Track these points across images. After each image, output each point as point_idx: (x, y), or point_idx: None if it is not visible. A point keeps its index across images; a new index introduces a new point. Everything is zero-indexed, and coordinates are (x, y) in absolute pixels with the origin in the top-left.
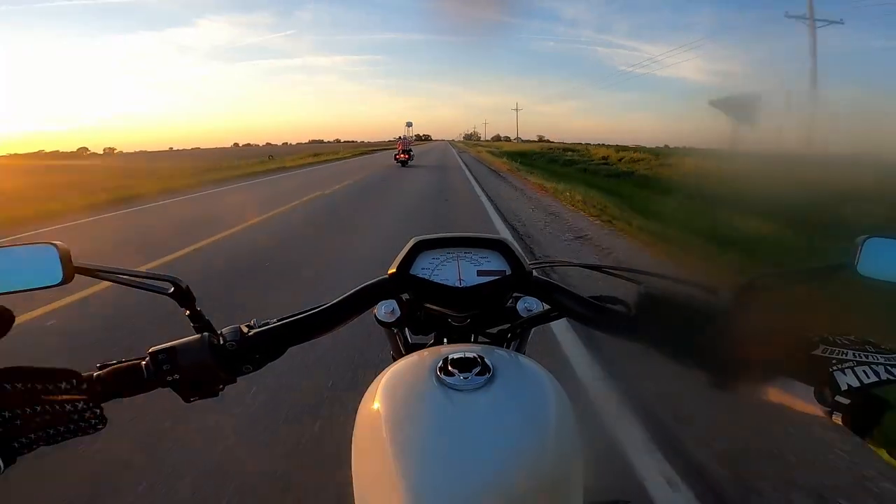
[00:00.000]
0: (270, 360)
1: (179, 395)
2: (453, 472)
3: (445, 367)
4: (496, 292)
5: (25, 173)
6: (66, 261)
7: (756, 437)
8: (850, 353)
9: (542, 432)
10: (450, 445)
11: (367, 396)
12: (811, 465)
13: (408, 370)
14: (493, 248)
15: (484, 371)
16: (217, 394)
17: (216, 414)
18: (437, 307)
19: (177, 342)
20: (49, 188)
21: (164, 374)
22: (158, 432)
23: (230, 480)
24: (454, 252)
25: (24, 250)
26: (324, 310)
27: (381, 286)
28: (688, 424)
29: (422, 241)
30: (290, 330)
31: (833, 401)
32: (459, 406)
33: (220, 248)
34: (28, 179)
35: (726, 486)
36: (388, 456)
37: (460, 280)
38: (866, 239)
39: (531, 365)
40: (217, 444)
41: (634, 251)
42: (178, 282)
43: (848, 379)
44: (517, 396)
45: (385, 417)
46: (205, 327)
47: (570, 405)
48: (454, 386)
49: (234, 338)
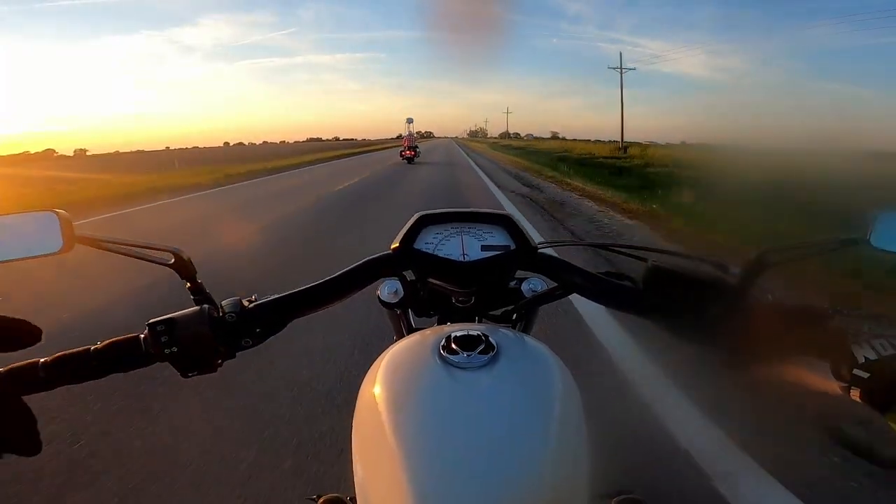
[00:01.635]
0: (271, 333)
1: (177, 370)
2: (456, 450)
3: (449, 345)
4: (500, 267)
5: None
6: (67, 229)
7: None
8: (866, 325)
9: (546, 412)
10: (452, 424)
11: (368, 377)
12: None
13: (410, 349)
14: (497, 223)
15: (488, 349)
16: (216, 369)
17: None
18: (440, 283)
19: (176, 314)
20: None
21: (162, 346)
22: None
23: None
24: (458, 227)
25: (24, 217)
26: (326, 283)
27: (384, 260)
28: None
29: (425, 216)
30: (290, 303)
31: (851, 375)
32: (462, 384)
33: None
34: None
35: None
36: (390, 434)
37: (464, 255)
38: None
39: (536, 345)
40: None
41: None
42: (179, 252)
43: (865, 352)
44: (522, 375)
45: (387, 396)
46: (205, 300)
47: (575, 387)
48: (457, 364)
49: (233, 310)
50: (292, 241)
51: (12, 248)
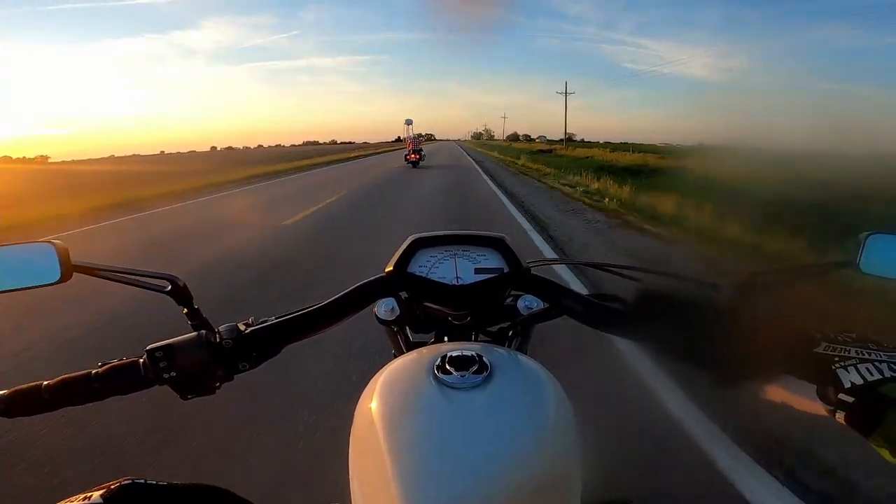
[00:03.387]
0: (267, 358)
1: (177, 393)
2: (448, 470)
3: (443, 365)
4: (494, 290)
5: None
6: (65, 259)
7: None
8: (853, 350)
9: (539, 431)
10: (445, 443)
11: (366, 394)
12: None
13: (406, 368)
14: (490, 246)
15: (481, 369)
16: (214, 391)
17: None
18: (435, 305)
19: (174, 340)
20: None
21: (160, 371)
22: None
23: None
24: (452, 250)
25: (22, 249)
26: (321, 307)
27: (378, 284)
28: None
29: (419, 239)
30: (287, 327)
31: (837, 399)
32: (456, 404)
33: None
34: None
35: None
36: (385, 453)
37: (457, 278)
38: (868, 235)
39: (530, 364)
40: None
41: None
42: (175, 280)
43: (851, 377)
44: (515, 395)
45: (382, 415)
46: (202, 325)
47: (568, 404)
48: (451, 384)
49: (230, 336)
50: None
51: (10, 279)
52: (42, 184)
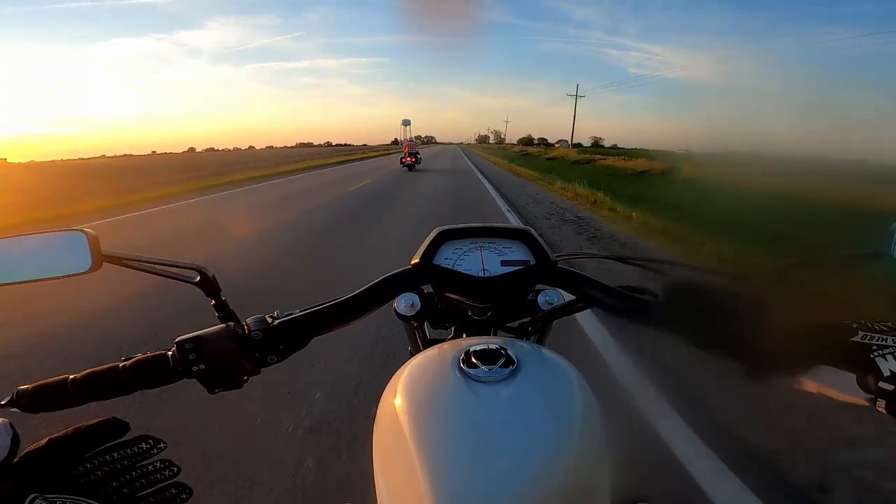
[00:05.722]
0: (294, 350)
1: (204, 387)
2: (477, 464)
3: (468, 359)
4: (520, 283)
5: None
6: (95, 248)
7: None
8: (890, 339)
9: (567, 424)
10: (474, 438)
11: (388, 391)
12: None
13: (429, 363)
14: (517, 238)
15: (508, 363)
16: (241, 385)
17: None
18: (459, 297)
19: (203, 332)
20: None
21: (189, 363)
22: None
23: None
24: (477, 242)
25: (54, 237)
26: (347, 300)
27: (404, 276)
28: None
29: (445, 231)
30: (313, 320)
31: (877, 387)
32: (483, 398)
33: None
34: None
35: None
36: (411, 450)
37: (484, 270)
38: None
39: (555, 357)
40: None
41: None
42: (204, 270)
43: (890, 365)
44: (542, 388)
45: (407, 411)
46: (230, 317)
47: (594, 398)
48: (478, 378)
49: (259, 327)
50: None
51: (42, 268)
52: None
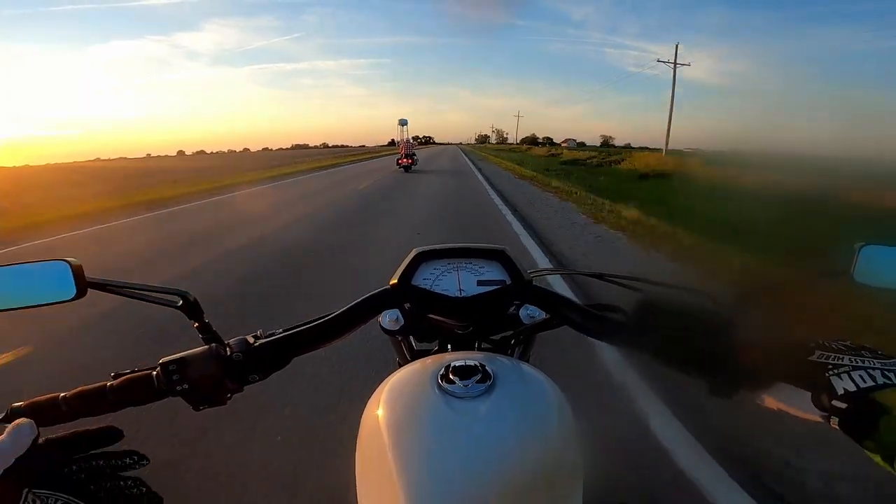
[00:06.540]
0: (276, 369)
1: (189, 404)
2: (452, 478)
3: (447, 374)
4: (496, 302)
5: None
6: (79, 275)
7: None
8: (847, 357)
9: (541, 439)
10: (449, 452)
11: (371, 403)
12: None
13: (410, 378)
14: (492, 258)
15: (484, 378)
16: (225, 402)
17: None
18: (438, 317)
19: (186, 353)
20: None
21: (174, 383)
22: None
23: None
24: (454, 262)
25: (38, 267)
26: (328, 320)
27: (383, 296)
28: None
29: (422, 252)
30: (294, 340)
31: (830, 405)
32: (459, 413)
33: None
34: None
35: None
36: (390, 462)
37: (460, 290)
38: (863, 246)
39: (532, 372)
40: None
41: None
42: (186, 295)
43: (844, 383)
44: (517, 404)
45: (387, 424)
46: (213, 338)
47: (570, 413)
48: (454, 393)
49: (240, 348)
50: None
51: (28, 296)
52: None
